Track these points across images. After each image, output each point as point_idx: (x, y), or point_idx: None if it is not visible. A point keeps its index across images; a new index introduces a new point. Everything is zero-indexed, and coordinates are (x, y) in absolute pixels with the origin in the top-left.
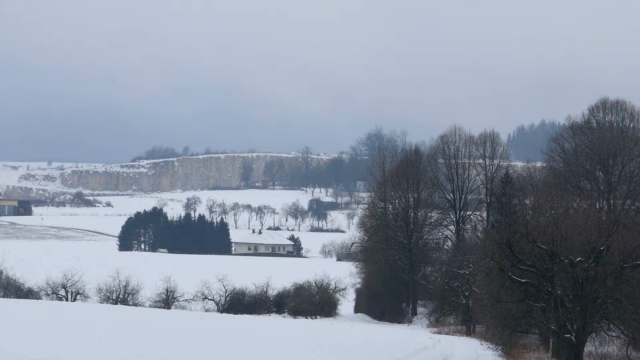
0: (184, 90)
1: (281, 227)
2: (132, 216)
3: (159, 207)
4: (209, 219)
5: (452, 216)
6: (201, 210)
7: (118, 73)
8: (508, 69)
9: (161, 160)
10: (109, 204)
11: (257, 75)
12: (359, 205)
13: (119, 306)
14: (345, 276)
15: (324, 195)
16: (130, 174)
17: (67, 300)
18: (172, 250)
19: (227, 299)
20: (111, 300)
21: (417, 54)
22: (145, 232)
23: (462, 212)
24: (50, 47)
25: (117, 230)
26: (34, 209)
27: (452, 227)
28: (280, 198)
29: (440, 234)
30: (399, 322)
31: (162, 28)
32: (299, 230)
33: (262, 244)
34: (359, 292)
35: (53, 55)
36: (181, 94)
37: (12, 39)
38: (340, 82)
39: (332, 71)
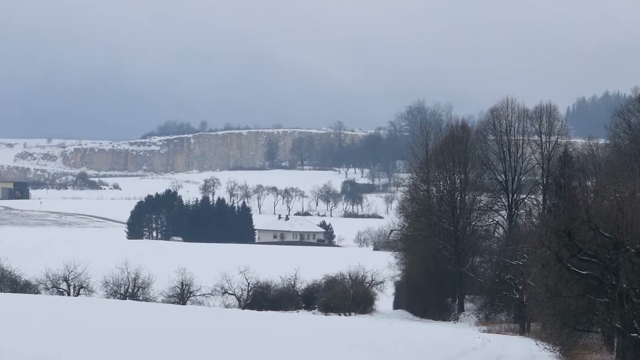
0: (201, 58)
1: (311, 213)
2: (143, 200)
3: (172, 190)
4: (230, 203)
5: (503, 200)
6: (220, 193)
7: (126, 39)
8: (568, 35)
9: (175, 136)
10: (116, 186)
11: (283, 41)
12: (398, 188)
13: (128, 301)
14: (383, 268)
15: (359, 176)
16: (141, 153)
17: (69, 294)
18: (187, 238)
19: (250, 293)
20: (119, 295)
21: (465, 17)
22: (158, 218)
23: (515, 196)
24: (50, 8)
25: (126, 216)
26: (32, 192)
27: (503, 213)
28: (309, 179)
29: (490, 220)
30: (444, 320)
31: None
32: (331, 215)
33: (290, 231)
34: (398, 285)
35: (53, 18)
36: (198, 63)
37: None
38: (378, 48)
39: (368, 36)
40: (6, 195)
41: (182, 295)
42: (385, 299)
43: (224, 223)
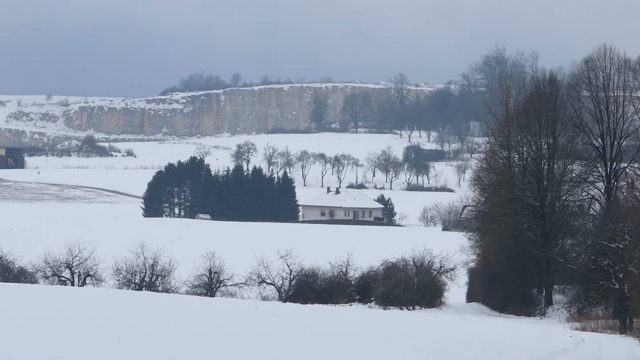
0: None
1: (366, 185)
2: (163, 169)
3: (199, 157)
4: (268, 174)
5: (600, 169)
6: (257, 161)
7: None
8: None
9: (202, 93)
10: (130, 153)
11: None
12: (472, 155)
13: (144, 293)
14: (455, 252)
15: (425, 140)
16: (160, 112)
17: (72, 284)
18: (216, 216)
19: (293, 283)
20: (133, 285)
21: None
22: (181, 191)
23: (614, 164)
24: None
25: (142, 189)
26: (28, 160)
27: (600, 185)
28: (364, 145)
29: (584, 193)
30: (528, 315)
31: None
32: (391, 188)
33: (341, 207)
34: (472, 273)
35: None
36: (230, 4)
37: None
38: None
39: None
40: None
41: (211, 285)
42: (456, 289)
43: (261, 197)
